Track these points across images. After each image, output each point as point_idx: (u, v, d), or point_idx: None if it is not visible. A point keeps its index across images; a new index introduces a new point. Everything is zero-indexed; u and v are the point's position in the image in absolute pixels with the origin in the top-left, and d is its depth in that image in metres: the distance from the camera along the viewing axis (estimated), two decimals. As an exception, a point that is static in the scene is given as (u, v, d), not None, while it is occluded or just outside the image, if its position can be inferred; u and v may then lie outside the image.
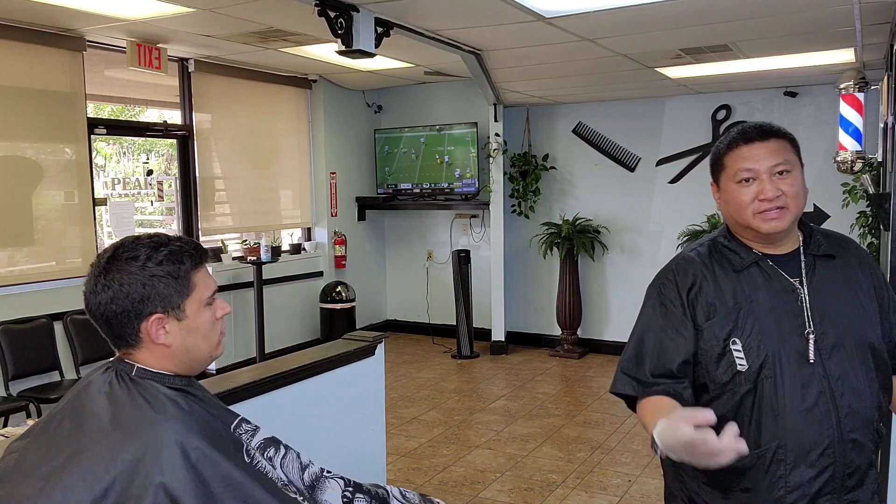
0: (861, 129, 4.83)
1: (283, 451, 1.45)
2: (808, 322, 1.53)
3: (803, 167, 1.61)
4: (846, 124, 4.83)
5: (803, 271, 1.58)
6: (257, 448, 1.39)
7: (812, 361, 1.51)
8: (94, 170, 5.45)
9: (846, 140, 4.83)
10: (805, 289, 1.56)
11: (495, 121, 7.06)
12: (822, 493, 1.52)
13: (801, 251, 1.61)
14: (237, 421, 1.41)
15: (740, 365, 1.53)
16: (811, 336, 1.52)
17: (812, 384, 1.51)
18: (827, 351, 1.52)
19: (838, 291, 1.58)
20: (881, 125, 4.71)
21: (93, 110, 5.67)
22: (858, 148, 4.81)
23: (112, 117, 6.67)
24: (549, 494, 4.02)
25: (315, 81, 7.12)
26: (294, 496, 1.37)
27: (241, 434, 1.39)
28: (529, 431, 5.02)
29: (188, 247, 1.39)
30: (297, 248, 7.25)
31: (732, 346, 1.54)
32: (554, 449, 4.67)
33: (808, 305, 1.55)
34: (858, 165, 4.87)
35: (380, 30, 4.24)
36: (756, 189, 1.55)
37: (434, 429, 5.12)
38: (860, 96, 4.77)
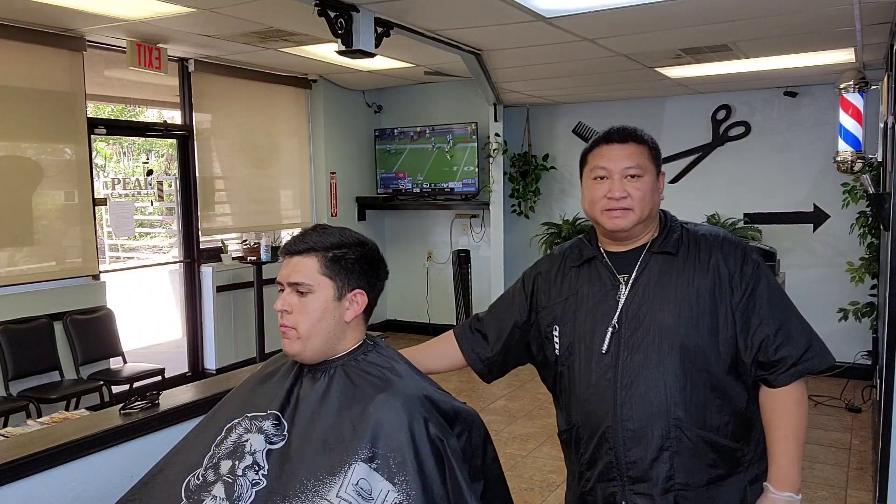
0: (861, 129, 4.83)
1: None
2: (616, 316, 1.63)
3: (661, 174, 1.70)
4: (846, 124, 4.83)
5: (636, 269, 1.66)
6: None
7: (604, 352, 1.62)
8: (94, 170, 5.46)
9: (846, 140, 4.83)
10: (626, 286, 1.65)
11: (495, 121, 7.06)
12: (607, 476, 1.64)
13: (645, 248, 1.68)
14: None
15: (556, 349, 1.71)
16: (609, 329, 1.63)
17: (600, 372, 1.63)
18: (627, 344, 1.61)
19: (662, 290, 1.63)
20: (881, 125, 4.71)
21: (93, 110, 5.67)
22: (859, 148, 4.82)
23: (112, 117, 6.68)
24: (549, 494, 4.02)
25: (315, 81, 7.12)
26: None
27: None
28: (529, 431, 5.02)
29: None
30: (297, 248, 7.24)
31: (553, 333, 1.72)
32: (554, 449, 4.67)
33: (622, 301, 1.64)
34: (858, 165, 4.87)
35: (380, 30, 4.24)
36: (607, 187, 1.64)
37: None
38: (860, 96, 4.77)
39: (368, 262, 1.59)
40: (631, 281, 1.65)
